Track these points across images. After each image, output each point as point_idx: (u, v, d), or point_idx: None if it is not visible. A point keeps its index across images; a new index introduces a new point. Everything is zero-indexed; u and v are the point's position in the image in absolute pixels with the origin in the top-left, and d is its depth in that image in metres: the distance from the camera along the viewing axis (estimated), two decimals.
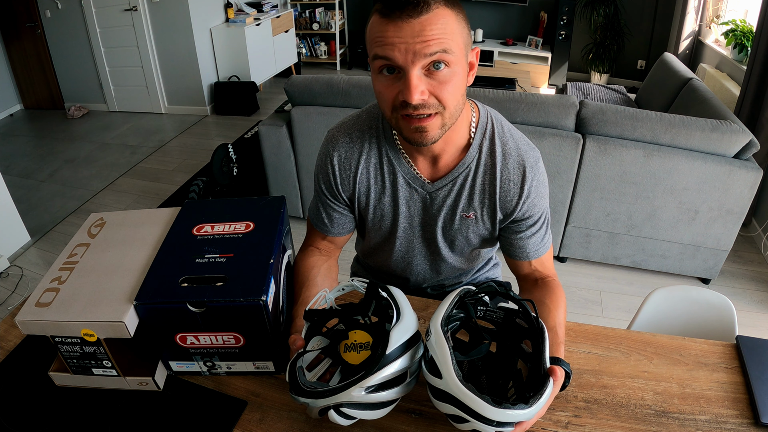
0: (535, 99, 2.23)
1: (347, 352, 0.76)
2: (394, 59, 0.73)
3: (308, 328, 0.79)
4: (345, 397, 0.66)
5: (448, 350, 0.67)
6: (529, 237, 0.97)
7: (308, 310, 0.79)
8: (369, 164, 0.96)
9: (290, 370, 0.71)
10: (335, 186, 0.99)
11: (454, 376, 0.65)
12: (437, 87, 0.75)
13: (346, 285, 0.83)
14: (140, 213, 0.98)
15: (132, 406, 0.83)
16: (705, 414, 0.82)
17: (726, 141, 2.06)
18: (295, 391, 0.69)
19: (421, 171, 0.95)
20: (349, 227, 1.06)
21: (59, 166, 3.81)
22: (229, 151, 3.27)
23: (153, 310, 0.76)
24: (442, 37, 0.72)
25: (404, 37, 0.71)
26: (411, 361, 0.70)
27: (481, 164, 0.92)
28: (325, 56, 5.93)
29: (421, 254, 1.08)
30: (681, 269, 2.40)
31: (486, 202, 0.95)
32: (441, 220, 0.99)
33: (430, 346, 0.70)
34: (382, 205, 1.00)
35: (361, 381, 0.66)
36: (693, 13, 4.10)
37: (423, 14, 0.71)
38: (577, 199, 2.30)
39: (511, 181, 0.92)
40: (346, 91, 2.37)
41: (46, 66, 4.80)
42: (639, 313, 1.23)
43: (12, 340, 0.96)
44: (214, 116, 4.67)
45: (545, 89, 5.02)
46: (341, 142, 0.97)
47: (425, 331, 0.73)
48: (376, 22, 0.74)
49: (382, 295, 0.77)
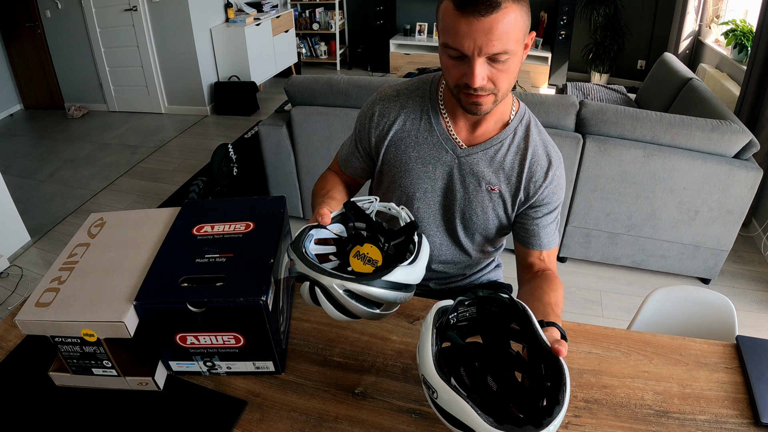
0: (535, 99, 2.23)
1: (355, 257, 0.79)
2: (462, 50, 0.80)
3: (340, 215, 0.84)
4: (324, 281, 0.70)
5: (465, 402, 0.61)
6: (546, 225, 1.04)
7: (352, 200, 0.84)
8: (408, 118, 1.03)
9: (302, 230, 0.76)
10: (368, 131, 1.06)
11: (483, 423, 0.60)
12: (496, 74, 0.83)
13: (395, 208, 0.85)
14: (140, 213, 0.98)
15: (132, 406, 0.83)
16: (705, 414, 0.82)
17: (726, 141, 2.06)
18: (295, 249, 0.73)
19: (459, 134, 1.01)
20: (362, 174, 1.15)
21: (59, 166, 3.81)
22: (229, 151, 3.27)
23: (153, 310, 0.76)
24: (505, 37, 0.79)
25: (473, 34, 0.78)
26: (392, 299, 0.73)
27: (514, 144, 1.00)
28: (325, 56, 5.93)
29: (434, 225, 1.10)
30: (681, 269, 2.40)
31: (512, 180, 1.01)
32: (464, 190, 1.03)
33: (444, 404, 0.64)
34: (409, 159, 1.03)
35: (344, 281, 0.69)
36: (693, 13, 4.10)
37: (493, 13, 0.77)
38: (577, 199, 2.30)
39: (538, 165, 1.00)
40: (346, 91, 2.37)
41: (46, 66, 4.80)
42: (639, 313, 1.23)
43: (12, 340, 0.96)
44: (214, 116, 4.67)
45: (545, 89, 5.02)
46: (389, 95, 1.05)
47: (421, 380, 0.68)
48: (449, 11, 0.80)
49: (413, 239, 0.79)
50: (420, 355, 0.69)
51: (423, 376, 0.67)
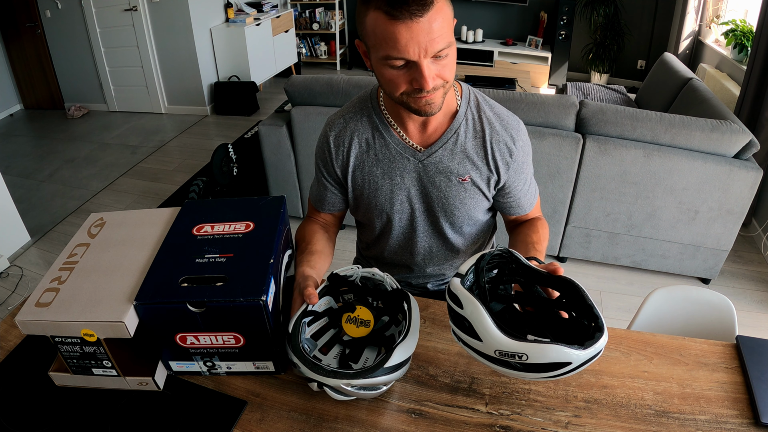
0: (535, 99, 2.23)
1: (348, 323, 0.83)
2: (408, 57, 0.79)
3: (325, 287, 0.87)
4: (331, 383, 0.74)
5: (556, 345, 0.67)
6: (525, 192, 1.07)
7: (334, 273, 0.87)
8: (361, 139, 1.02)
9: (295, 323, 0.79)
10: (331, 163, 1.06)
11: (576, 351, 0.67)
12: (442, 69, 0.83)
13: (379, 274, 0.87)
14: (140, 213, 0.98)
15: (132, 406, 0.83)
16: (705, 414, 0.82)
17: (726, 141, 2.06)
18: (295, 352, 0.76)
19: (413, 138, 1.01)
20: (340, 206, 1.14)
21: (59, 166, 3.81)
22: (229, 151, 3.27)
23: (153, 310, 0.76)
24: (444, 31, 0.78)
25: (415, 37, 0.76)
26: (395, 378, 0.78)
27: (470, 129, 1.00)
28: (325, 56, 5.93)
29: (422, 231, 1.10)
30: (681, 269, 2.40)
31: (479, 164, 1.01)
32: (437, 190, 1.03)
33: (539, 358, 0.68)
34: (376, 177, 1.03)
35: (350, 378, 0.74)
36: (693, 13, 4.10)
37: (428, 10, 0.75)
38: (577, 199, 2.30)
39: (500, 142, 1.00)
40: (346, 91, 2.37)
41: (46, 66, 4.80)
42: (639, 313, 1.23)
43: (12, 340, 0.96)
44: (214, 116, 4.67)
45: (545, 89, 5.02)
46: (336, 123, 1.05)
47: (496, 356, 0.71)
48: (382, 22, 0.77)
49: (403, 307, 0.83)
50: (485, 336, 0.70)
51: (498, 351, 0.69)
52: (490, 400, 0.83)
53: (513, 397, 0.84)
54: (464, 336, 0.73)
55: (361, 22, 0.81)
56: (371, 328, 0.83)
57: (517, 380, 0.87)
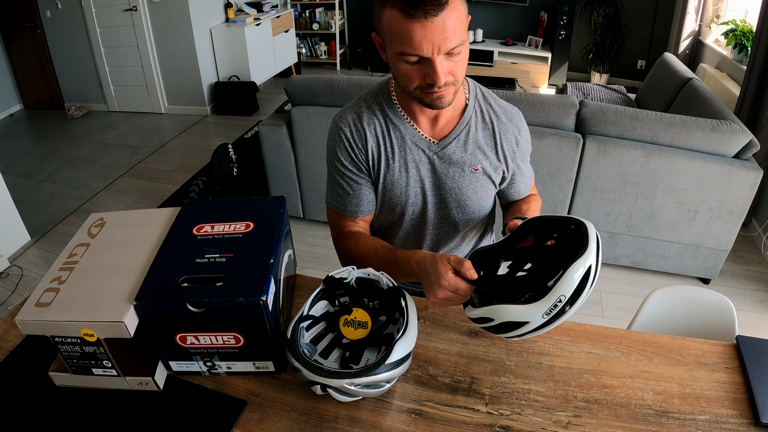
0: (535, 99, 2.23)
1: (345, 326, 0.84)
2: (421, 54, 0.81)
3: (321, 291, 0.87)
4: (335, 384, 0.75)
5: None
6: (523, 177, 1.13)
7: (329, 275, 0.87)
8: (376, 131, 1.02)
9: (293, 328, 0.80)
10: (356, 156, 1.03)
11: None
12: (454, 66, 0.85)
13: (373, 273, 0.87)
14: (140, 213, 0.98)
15: (132, 406, 0.83)
16: (705, 414, 0.82)
17: (726, 141, 2.06)
18: (296, 356, 0.76)
19: (426, 132, 1.03)
20: (374, 204, 1.09)
21: (59, 166, 3.81)
22: (229, 151, 3.27)
23: (153, 310, 0.76)
24: (457, 30, 0.81)
25: (429, 35, 0.79)
26: (397, 375, 0.78)
27: (479, 122, 1.04)
28: (325, 56, 5.93)
29: (432, 224, 1.11)
30: (681, 269, 2.40)
31: (489, 154, 1.05)
32: (451, 180, 1.05)
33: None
34: (393, 170, 1.04)
35: (353, 377, 0.74)
36: (693, 13, 4.10)
37: (443, 11, 0.77)
38: (577, 199, 2.30)
39: (508, 133, 1.05)
40: (346, 91, 2.37)
41: (46, 66, 4.80)
42: (639, 313, 1.23)
43: (12, 340, 0.96)
44: (214, 116, 4.66)
45: (545, 89, 5.02)
46: (348, 117, 1.04)
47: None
48: (397, 20, 0.80)
49: (400, 304, 0.83)
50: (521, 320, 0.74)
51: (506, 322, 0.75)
52: (490, 400, 0.83)
53: (513, 397, 0.84)
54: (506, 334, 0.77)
55: (378, 17, 0.84)
56: (369, 329, 0.84)
57: (517, 380, 0.87)
